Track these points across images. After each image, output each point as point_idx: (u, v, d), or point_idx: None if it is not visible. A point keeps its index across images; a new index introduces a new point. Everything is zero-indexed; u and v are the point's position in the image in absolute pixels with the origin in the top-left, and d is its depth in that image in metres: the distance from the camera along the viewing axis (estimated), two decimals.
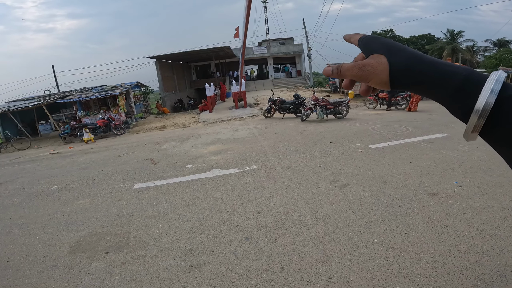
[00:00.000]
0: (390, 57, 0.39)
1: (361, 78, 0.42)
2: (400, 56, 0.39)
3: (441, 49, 31.47)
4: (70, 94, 16.57)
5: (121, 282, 2.69)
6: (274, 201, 4.01)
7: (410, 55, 0.39)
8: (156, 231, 3.55)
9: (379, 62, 0.40)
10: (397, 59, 0.39)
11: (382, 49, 0.41)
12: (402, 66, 0.38)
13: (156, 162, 7.07)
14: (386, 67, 0.39)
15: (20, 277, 2.95)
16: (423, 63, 0.37)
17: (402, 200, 3.71)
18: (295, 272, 2.57)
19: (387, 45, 0.41)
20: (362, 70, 0.41)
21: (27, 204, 5.20)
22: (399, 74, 0.39)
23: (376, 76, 0.40)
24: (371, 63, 0.41)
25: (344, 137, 7.53)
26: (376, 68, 0.40)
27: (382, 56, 0.40)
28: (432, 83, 0.36)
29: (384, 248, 2.77)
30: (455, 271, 2.37)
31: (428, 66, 0.37)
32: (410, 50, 0.39)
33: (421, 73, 0.37)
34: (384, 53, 0.40)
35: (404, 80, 0.39)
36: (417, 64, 0.37)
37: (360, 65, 0.41)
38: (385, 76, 0.39)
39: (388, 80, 0.39)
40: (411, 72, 0.38)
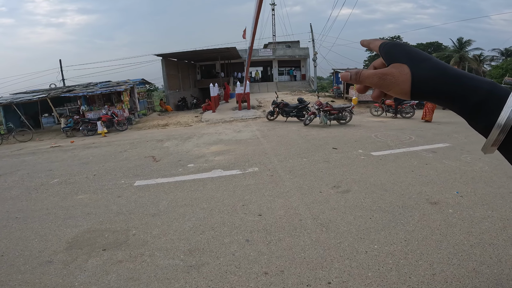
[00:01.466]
0: (413, 67, 0.38)
1: (381, 86, 0.41)
2: (423, 67, 0.38)
3: (448, 57, 31.45)
4: (75, 88, 16.60)
5: (117, 280, 2.67)
6: (275, 204, 4.00)
7: (434, 66, 0.37)
8: (156, 230, 3.53)
9: (401, 72, 0.39)
10: (420, 70, 0.38)
11: (405, 58, 0.39)
12: (425, 77, 0.37)
13: (158, 159, 7.06)
14: (409, 78, 0.38)
15: (14, 272, 2.91)
16: (446, 75, 0.36)
17: (403, 208, 3.71)
18: (294, 275, 2.56)
19: (410, 54, 0.40)
20: (383, 79, 0.40)
21: (26, 197, 5.17)
22: (421, 86, 0.38)
23: (397, 86, 0.39)
24: (393, 72, 0.39)
25: (346, 143, 7.51)
26: (398, 78, 0.39)
27: (405, 66, 0.39)
28: (454, 96, 0.36)
29: (384, 254, 2.78)
30: (452, 278, 2.42)
31: (452, 79, 0.36)
32: (434, 61, 0.38)
33: (444, 86, 0.36)
34: (407, 63, 0.39)
35: (426, 92, 0.38)
36: (441, 76, 0.36)
37: (381, 74, 0.40)
38: (407, 87, 0.38)
39: (409, 90, 0.38)
40: (434, 84, 0.37)
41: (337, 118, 10.52)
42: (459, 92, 0.35)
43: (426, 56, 0.39)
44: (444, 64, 0.38)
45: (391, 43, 0.43)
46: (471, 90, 0.34)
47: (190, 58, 26.42)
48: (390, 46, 0.42)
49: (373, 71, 0.41)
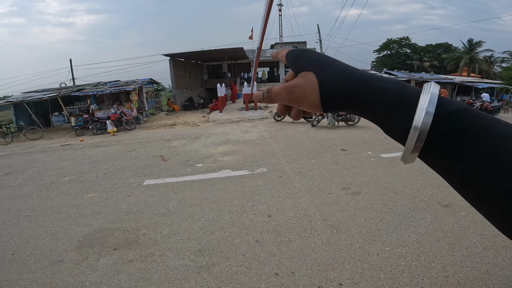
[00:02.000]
0: (319, 74, 0.34)
1: (292, 102, 0.36)
2: (329, 72, 0.34)
3: (458, 58, 31.10)
4: (85, 87, 16.81)
5: (128, 280, 2.67)
6: (285, 205, 3.99)
7: (340, 71, 0.34)
8: (166, 229, 3.55)
9: (308, 82, 0.35)
10: (327, 76, 0.34)
11: (311, 65, 0.36)
12: (332, 85, 0.33)
13: (166, 159, 7.10)
14: (316, 87, 0.34)
15: (25, 271, 2.91)
16: (353, 78, 0.33)
17: (415, 210, 3.67)
18: (305, 277, 2.54)
19: (315, 60, 0.36)
20: (291, 93, 0.35)
21: (36, 195, 5.24)
22: (330, 94, 0.33)
23: (307, 99, 0.35)
24: (300, 83, 0.35)
25: (355, 144, 7.46)
26: (306, 89, 0.35)
27: (311, 74, 0.35)
28: (364, 102, 0.32)
29: (396, 256, 2.77)
30: (465, 280, 2.41)
31: (359, 83, 0.32)
32: (338, 64, 0.35)
33: (352, 91, 0.32)
34: (313, 70, 0.35)
35: (336, 101, 0.33)
36: (347, 80, 0.33)
37: (289, 87, 0.36)
38: (316, 98, 0.34)
39: (320, 102, 0.34)
40: (341, 90, 0.33)
41: (345, 120, 10.46)
42: (368, 97, 0.31)
43: (331, 60, 0.36)
44: (350, 67, 0.35)
45: (297, 50, 0.40)
46: (379, 94, 0.31)
47: (197, 58, 26.52)
48: (296, 54, 0.39)
49: (281, 85, 0.37)
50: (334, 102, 0.33)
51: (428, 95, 0.28)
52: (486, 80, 22.99)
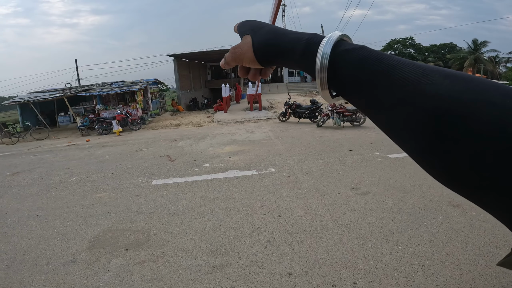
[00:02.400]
0: (253, 36, 0.42)
1: (235, 60, 0.44)
2: (261, 33, 0.41)
3: (462, 58, 30.93)
4: (91, 88, 16.91)
5: (141, 281, 2.66)
6: (294, 205, 3.98)
7: (268, 30, 0.41)
8: (176, 230, 3.55)
9: (245, 42, 0.42)
10: (258, 36, 0.41)
11: (249, 30, 0.43)
12: (261, 41, 0.41)
13: (173, 159, 7.12)
14: (250, 45, 0.41)
15: (37, 272, 2.89)
16: (276, 34, 0.40)
17: (425, 210, 3.66)
18: (319, 276, 2.55)
19: (251, 26, 0.44)
20: (233, 53, 0.44)
21: (45, 195, 5.26)
22: (260, 49, 0.41)
23: (245, 55, 0.42)
24: (240, 44, 0.43)
25: (362, 145, 7.44)
26: (243, 47, 0.42)
27: (248, 36, 0.42)
28: (284, 52, 0.38)
29: (409, 255, 2.77)
30: (480, 278, 2.42)
31: (280, 36, 0.39)
32: (269, 27, 0.42)
33: (275, 44, 0.39)
34: (250, 33, 0.43)
35: (265, 54, 0.41)
36: (273, 37, 0.40)
37: (232, 49, 0.44)
38: (251, 54, 0.41)
39: (254, 56, 0.41)
40: (268, 45, 0.40)
41: (351, 120, 10.42)
42: (287, 46, 0.38)
43: (265, 24, 0.43)
44: (278, 28, 0.41)
45: (242, 22, 0.47)
46: (294, 43, 0.37)
47: (201, 59, 26.60)
48: (240, 24, 0.46)
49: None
50: (264, 55, 0.41)
51: (326, 40, 0.34)
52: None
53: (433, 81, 0.26)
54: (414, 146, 0.27)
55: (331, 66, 0.32)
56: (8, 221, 4.20)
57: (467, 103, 0.23)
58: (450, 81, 0.25)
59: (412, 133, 0.27)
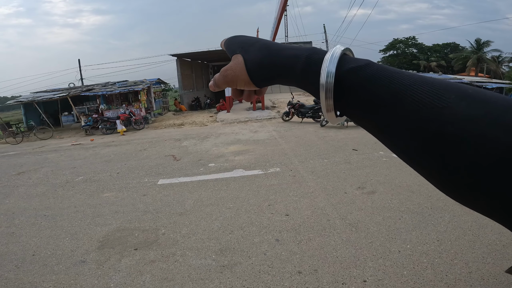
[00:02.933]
0: (245, 54, 0.38)
1: (228, 83, 0.40)
2: (252, 50, 0.38)
3: (465, 58, 30.83)
4: (94, 87, 16.97)
5: (152, 280, 2.67)
6: (301, 204, 4.00)
7: (261, 47, 0.37)
8: (185, 229, 3.57)
9: (237, 63, 0.39)
10: (250, 54, 0.38)
11: (238, 48, 0.39)
12: (255, 60, 0.37)
13: (178, 158, 7.15)
14: (243, 66, 0.38)
15: (47, 273, 2.89)
16: (271, 53, 0.36)
17: (432, 209, 3.67)
18: (328, 274, 2.56)
19: (240, 43, 0.40)
20: (225, 76, 0.40)
21: (52, 194, 5.28)
22: (254, 70, 0.37)
23: (238, 78, 0.39)
24: (231, 65, 0.39)
25: (366, 144, 7.43)
26: (235, 69, 0.39)
27: (239, 55, 0.39)
28: (284, 71, 0.35)
29: (418, 254, 2.79)
30: (489, 276, 2.45)
31: (275, 54, 0.36)
32: (261, 42, 0.38)
33: (272, 64, 0.36)
34: (240, 52, 0.39)
35: (262, 75, 0.37)
36: (267, 55, 0.36)
37: (223, 71, 0.40)
38: (245, 76, 0.38)
39: (248, 78, 0.38)
40: (263, 65, 0.37)
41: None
42: (284, 64, 0.35)
43: (255, 40, 0.39)
44: (271, 43, 0.38)
45: (229, 38, 0.43)
46: (292, 59, 0.34)
47: (203, 58, 26.59)
48: (228, 41, 0.42)
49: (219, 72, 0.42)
50: (259, 75, 0.37)
51: (329, 57, 0.31)
52: (494, 80, 22.78)
53: (449, 104, 0.24)
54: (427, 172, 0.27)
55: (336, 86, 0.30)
56: (15, 221, 4.22)
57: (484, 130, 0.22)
58: (466, 104, 0.24)
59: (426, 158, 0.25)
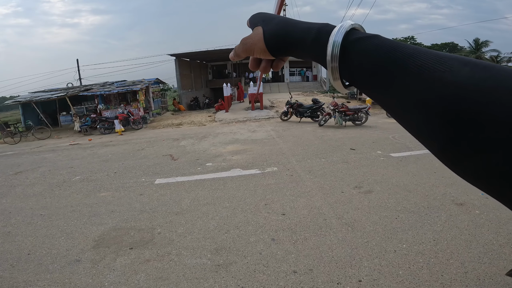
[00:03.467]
0: (265, 26, 0.42)
1: (246, 51, 0.44)
2: (272, 23, 0.41)
3: None
4: (92, 87, 16.93)
5: (147, 280, 2.66)
6: (298, 203, 3.99)
7: (279, 21, 0.41)
8: (180, 228, 3.56)
9: (256, 33, 0.42)
10: (270, 26, 0.41)
11: (260, 22, 0.43)
12: (272, 31, 0.40)
13: (176, 158, 7.13)
14: (261, 35, 0.41)
15: (42, 272, 2.89)
16: (287, 26, 0.39)
17: (429, 208, 3.66)
18: (324, 274, 2.55)
19: (262, 17, 0.44)
20: (244, 44, 0.43)
21: (49, 194, 5.27)
22: (271, 39, 0.40)
23: (256, 46, 0.42)
24: (251, 35, 0.43)
25: (364, 144, 7.44)
26: (254, 38, 0.42)
27: (259, 27, 0.42)
28: (295, 42, 0.38)
29: (413, 253, 2.78)
30: (485, 276, 2.43)
31: (291, 27, 0.39)
32: (280, 18, 0.42)
33: (286, 35, 0.39)
34: (261, 24, 0.42)
35: (277, 44, 0.40)
36: (284, 27, 0.39)
37: (243, 40, 0.44)
38: (262, 44, 0.41)
39: (265, 46, 0.41)
40: (279, 35, 0.40)
41: (353, 119, 10.42)
42: (298, 35, 0.37)
43: (277, 16, 0.43)
44: (288, 18, 0.41)
45: (253, 15, 0.46)
46: (305, 31, 0.37)
47: (202, 58, 26.60)
48: (251, 17, 0.46)
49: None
50: (275, 45, 0.40)
51: (338, 28, 0.33)
52: None
53: (451, 68, 0.25)
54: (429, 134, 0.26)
55: (343, 56, 0.32)
56: (12, 221, 4.21)
57: (488, 91, 0.23)
58: (470, 68, 0.24)
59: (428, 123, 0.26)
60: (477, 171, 0.24)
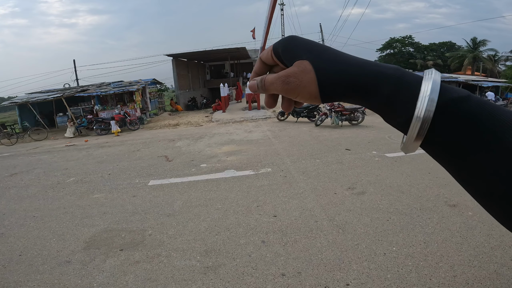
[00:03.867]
0: (315, 62, 0.32)
1: (287, 92, 0.34)
2: (326, 59, 0.32)
3: (462, 57, 30.92)
4: (89, 88, 16.91)
5: (135, 281, 2.67)
6: (290, 205, 3.98)
7: (335, 57, 0.32)
8: (171, 230, 3.55)
9: (304, 71, 0.33)
10: (323, 63, 0.32)
11: (304, 52, 0.33)
12: (331, 73, 0.32)
13: (171, 159, 7.12)
14: (313, 76, 0.32)
15: (33, 272, 2.91)
16: (350, 65, 0.31)
17: (421, 210, 3.65)
18: (312, 277, 2.54)
19: (308, 47, 0.34)
20: (287, 83, 0.33)
21: (42, 196, 5.26)
22: (329, 84, 0.32)
23: (303, 89, 0.33)
24: (295, 72, 0.33)
25: (359, 144, 7.43)
26: (302, 78, 0.33)
27: (306, 62, 0.33)
28: (364, 90, 0.31)
29: (403, 256, 2.76)
30: (473, 280, 2.40)
31: (356, 69, 0.31)
32: (332, 50, 0.33)
33: (351, 79, 0.31)
34: (308, 57, 0.33)
35: (334, 90, 0.32)
36: (346, 69, 0.31)
37: (284, 77, 0.34)
38: (314, 88, 0.32)
39: (318, 92, 0.33)
40: (340, 78, 0.31)
41: (349, 119, 10.42)
42: (367, 84, 0.30)
43: (325, 47, 0.34)
44: (345, 53, 0.33)
45: (284, 39, 0.36)
46: (379, 80, 0.30)
47: (199, 58, 26.55)
48: (285, 43, 0.35)
49: (275, 74, 0.35)
50: (333, 91, 0.32)
51: (430, 82, 0.28)
52: (490, 78, 22.85)
53: None
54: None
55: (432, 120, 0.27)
56: (5, 222, 4.20)
57: None
58: None
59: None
60: None
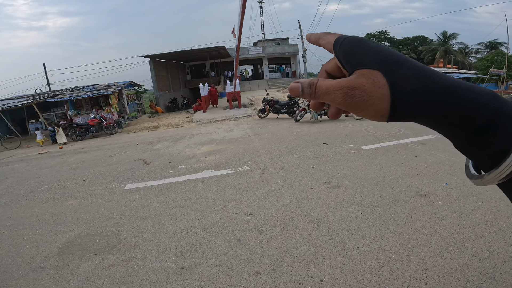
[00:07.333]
0: (390, 76, 0.27)
1: (349, 106, 0.28)
2: (404, 74, 0.27)
3: (434, 50, 31.85)
4: (61, 93, 16.36)
5: (110, 284, 2.65)
6: (267, 202, 4.00)
7: (417, 73, 0.26)
8: (147, 233, 3.50)
9: (375, 84, 0.27)
10: (401, 79, 0.26)
11: (376, 61, 0.27)
12: (408, 90, 0.26)
13: (148, 162, 7.00)
14: (387, 93, 0.27)
15: (7, 279, 2.91)
16: (436, 85, 0.26)
17: (394, 201, 3.72)
18: (286, 274, 2.55)
19: (380, 55, 0.28)
20: (351, 97, 0.27)
21: (15, 204, 5.11)
22: (405, 103, 0.26)
23: (371, 106, 0.27)
24: (364, 85, 0.27)
25: (337, 138, 7.54)
26: (372, 93, 0.27)
27: (379, 74, 0.27)
28: (451, 117, 0.25)
29: (375, 250, 2.78)
30: (444, 273, 2.39)
31: (444, 91, 0.25)
32: (413, 64, 0.27)
33: (436, 102, 0.26)
34: (380, 68, 0.27)
35: (411, 111, 0.27)
36: (430, 88, 0.26)
37: (347, 88, 0.28)
38: (385, 106, 0.27)
39: (388, 111, 0.27)
40: (421, 99, 0.26)
41: (327, 113, 10.55)
42: (457, 110, 0.25)
43: (403, 57, 0.28)
44: (428, 69, 0.27)
45: (352, 38, 0.30)
46: (472, 109, 0.25)
47: (179, 59, 26.24)
48: (351, 43, 0.30)
49: (334, 83, 0.29)
50: (409, 112, 0.27)
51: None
52: (461, 70, 23.68)
53: None
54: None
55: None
56: None
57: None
58: None
59: None
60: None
